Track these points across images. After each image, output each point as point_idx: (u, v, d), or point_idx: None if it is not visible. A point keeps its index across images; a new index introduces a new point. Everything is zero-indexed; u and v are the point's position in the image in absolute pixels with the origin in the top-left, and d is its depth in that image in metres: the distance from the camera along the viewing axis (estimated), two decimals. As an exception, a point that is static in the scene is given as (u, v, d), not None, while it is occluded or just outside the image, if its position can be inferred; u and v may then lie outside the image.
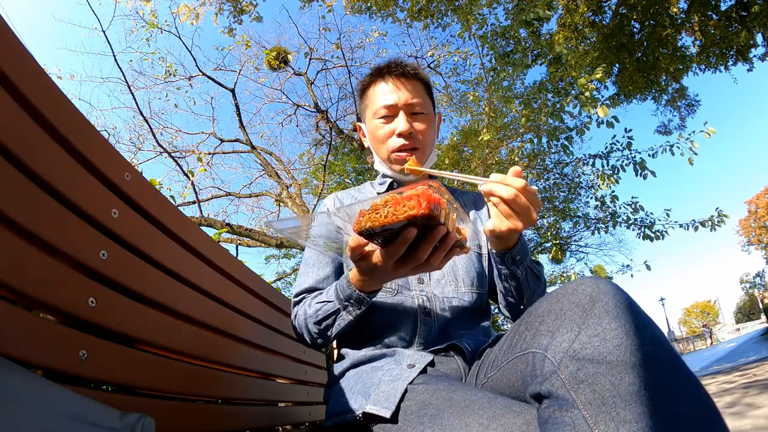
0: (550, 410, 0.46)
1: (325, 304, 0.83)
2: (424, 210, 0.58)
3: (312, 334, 0.87)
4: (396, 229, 0.61)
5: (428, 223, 0.61)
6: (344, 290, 0.79)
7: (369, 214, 0.61)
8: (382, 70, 1.00)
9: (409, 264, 0.67)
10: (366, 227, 0.61)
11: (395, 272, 0.70)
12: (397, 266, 0.68)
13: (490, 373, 0.69)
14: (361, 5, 5.74)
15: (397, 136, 0.95)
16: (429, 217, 0.59)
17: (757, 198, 30.60)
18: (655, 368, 0.43)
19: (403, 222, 0.59)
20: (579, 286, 0.52)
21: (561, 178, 6.11)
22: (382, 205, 0.60)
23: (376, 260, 0.69)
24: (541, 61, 5.10)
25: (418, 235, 0.62)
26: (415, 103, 0.96)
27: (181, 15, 5.61)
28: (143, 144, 6.49)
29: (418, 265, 0.67)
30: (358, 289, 0.78)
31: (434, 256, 0.66)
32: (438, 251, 0.66)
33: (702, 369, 8.79)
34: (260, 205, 7.83)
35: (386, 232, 0.62)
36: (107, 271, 0.64)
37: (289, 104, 7.42)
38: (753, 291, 41.69)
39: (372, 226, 0.60)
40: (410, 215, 0.58)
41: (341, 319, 0.82)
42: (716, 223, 4.64)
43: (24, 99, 0.55)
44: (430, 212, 0.58)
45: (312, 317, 0.85)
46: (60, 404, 0.38)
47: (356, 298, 0.79)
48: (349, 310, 0.80)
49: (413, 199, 0.59)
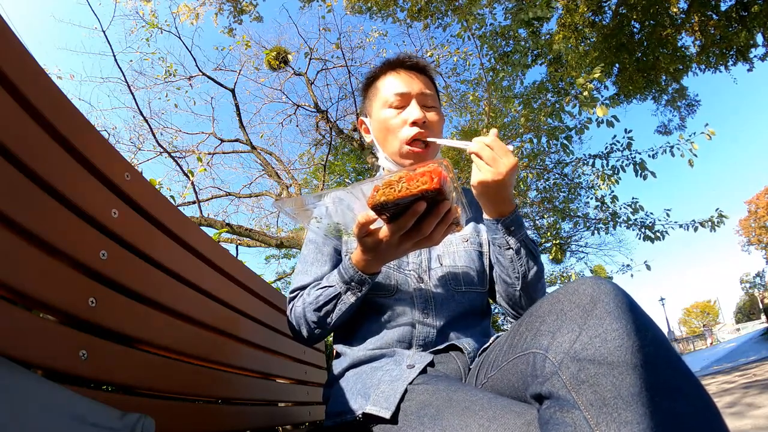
0: (551, 411, 0.46)
1: (326, 289, 0.84)
2: (436, 185, 0.63)
3: (310, 324, 0.87)
4: (406, 203, 0.66)
5: (436, 198, 0.66)
6: (347, 271, 0.81)
7: (383, 188, 0.66)
8: (393, 62, 0.98)
9: (414, 237, 0.72)
10: (381, 201, 0.65)
11: (399, 246, 0.74)
12: (402, 240, 0.72)
13: (490, 374, 0.68)
14: (361, 5, 5.74)
15: (411, 124, 0.92)
16: (439, 191, 0.64)
17: (757, 198, 30.60)
18: (656, 369, 0.43)
19: (417, 195, 0.64)
20: (580, 286, 0.52)
21: (561, 178, 6.11)
22: (396, 181, 0.65)
23: (382, 235, 0.72)
24: (541, 61, 5.10)
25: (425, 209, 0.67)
26: (428, 94, 0.95)
27: (181, 15, 5.61)
28: (143, 144, 6.50)
29: (420, 239, 0.72)
30: (361, 269, 0.80)
31: (436, 230, 0.71)
32: (440, 225, 0.71)
33: (702, 369, 8.79)
34: (260, 205, 7.84)
35: (397, 207, 0.67)
36: (107, 271, 0.64)
37: (289, 104, 7.42)
38: (753, 291, 41.70)
39: (387, 199, 0.65)
40: (423, 189, 0.63)
41: (342, 303, 0.82)
42: (716, 223, 4.64)
43: (24, 99, 0.55)
44: (440, 187, 0.63)
45: (312, 304, 0.85)
46: (60, 404, 0.38)
47: (358, 279, 0.81)
48: (351, 294, 0.82)
49: (426, 175, 0.64)
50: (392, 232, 0.71)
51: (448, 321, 0.89)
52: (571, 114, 4.05)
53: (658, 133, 9.38)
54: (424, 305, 0.89)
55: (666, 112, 9.08)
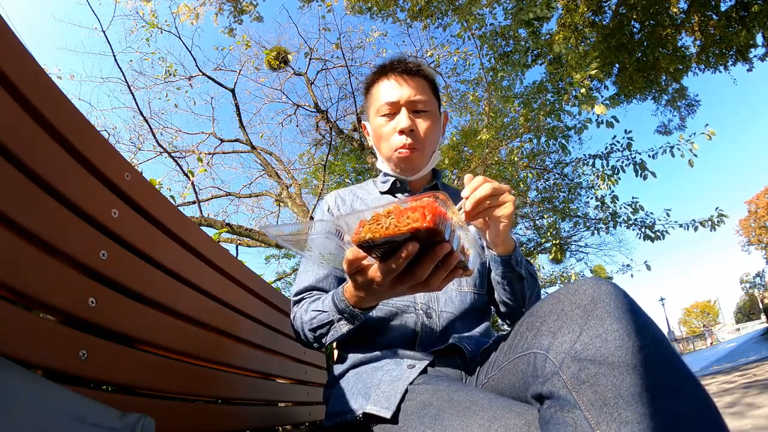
0: (552, 411, 0.46)
1: (320, 314, 0.81)
2: (429, 223, 0.53)
3: (308, 339, 0.87)
4: (397, 242, 0.57)
5: (432, 239, 0.57)
6: (339, 303, 0.77)
7: (370, 224, 0.57)
8: (385, 67, 0.99)
9: (407, 282, 0.63)
10: (366, 238, 0.56)
11: (392, 290, 0.65)
12: (394, 283, 0.63)
13: (490, 374, 0.68)
14: (361, 5, 5.74)
15: (399, 133, 0.94)
16: (433, 231, 0.54)
17: (757, 198, 30.61)
18: (656, 369, 0.43)
19: (406, 235, 0.54)
20: (580, 286, 0.52)
21: (561, 178, 6.11)
22: (384, 216, 0.57)
23: (372, 275, 0.64)
24: (540, 61, 5.10)
25: (420, 251, 0.58)
26: (417, 100, 0.95)
27: (181, 15, 5.61)
28: (143, 144, 6.49)
29: (416, 284, 0.63)
30: (353, 304, 0.74)
31: (435, 276, 0.62)
32: (439, 270, 0.61)
33: (702, 369, 8.79)
34: (260, 205, 7.84)
35: (387, 245, 0.58)
36: (107, 271, 0.64)
37: (289, 104, 7.42)
38: (753, 291, 41.71)
39: (372, 237, 0.56)
40: (414, 228, 0.53)
41: (335, 330, 0.80)
42: (716, 223, 4.64)
43: (24, 99, 0.55)
44: (434, 226, 0.54)
45: (307, 324, 0.84)
46: (60, 404, 0.38)
47: (350, 313, 0.76)
48: (344, 323, 0.78)
49: (417, 210, 0.54)
50: (383, 273, 0.61)
51: (449, 321, 0.89)
52: (570, 113, 4.06)
53: (658, 133, 9.38)
54: (426, 306, 0.89)
55: (666, 112, 9.09)
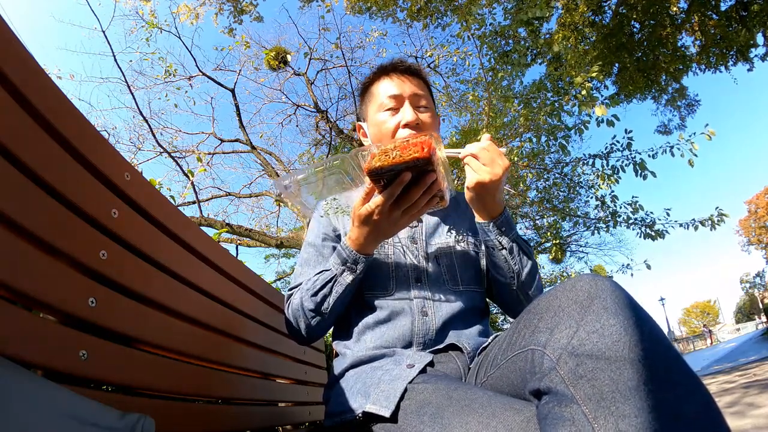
0: (550, 406, 0.46)
1: (322, 273, 0.89)
2: (426, 154, 0.70)
3: (307, 314, 0.88)
4: (399, 170, 0.73)
5: (424, 168, 0.73)
6: (342, 252, 0.87)
7: (379, 155, 0.73)
8: (386, 68, 1.00)
9: (402, 205, 0.79)
10: (376, 166, 0.72)
11: (390, 215, 0.80)
12: (392, 209, 0.79)
13: (489, 372, 0.69)
14: (361, 5, 5.74)
15: (404, 126, 0.94)
16: (428, 161, 0.71)
17: (757, 198, 30.57)
18: (653, 363, 0.43)
19: (409, 163, 0.71)
20: (577, 283, 0.52)
21: (561, 178, 6.10)
22: (390, 149, 0.73)
23: (374, 204, 0.79)
24: (540, 61, 5.10)
25: (413, 180, 0.75)
26: (421, 95, 0.98)
27: (181, 15, 5.61)
28: (143, 144, 6.50)
29: (408, 207, 0.79)
30: (356, 249, 0.86)
31: (421, 198, 0.79)
32: (425, 194, 0.78)
33: (702, 369, 8.78)
34: (260, 205, 7.85)
35: (390, 173, 0.73)
36: (107, 271, 0.64)
37: (289, 104, 7.43)
38: (753, 291, 41.70)
39: (381, 165, 0.71)
40: (415, 157, 0.70)
41: (338, 284, 0.86)
42: (716, 222, 4.63)
43: (24, 99, 0.55)
44: (430, 157, 0.70)
45: (309, 290, 0.88)
46: (60, 404, 0.38)
47: (353, 259, 0.86)
48: (347, 274, 0.86)
49: (417, 145, 0.71)
50: (385, 198, 0.77)
51: (447, 320, 0.89)
52: (569, 113, 4.05)
53: (658, 132, 9.37)
54: (422, 304, 0.89)
55: (666, 111, 9.08)
